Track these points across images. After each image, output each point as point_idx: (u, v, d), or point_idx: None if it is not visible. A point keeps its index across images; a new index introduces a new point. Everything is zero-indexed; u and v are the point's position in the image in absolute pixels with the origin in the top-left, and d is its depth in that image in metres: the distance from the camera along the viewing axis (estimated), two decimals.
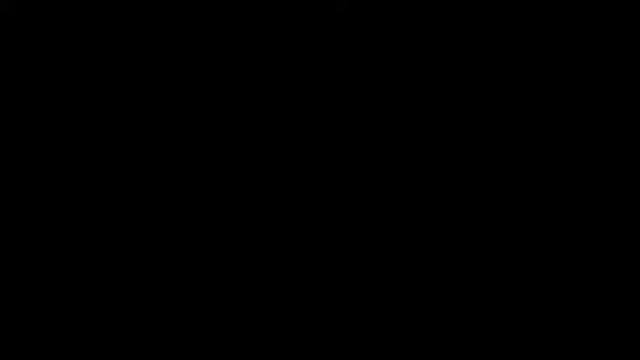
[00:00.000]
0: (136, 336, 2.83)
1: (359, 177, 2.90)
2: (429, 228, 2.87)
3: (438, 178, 2.89)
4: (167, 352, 2.82)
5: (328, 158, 2.91)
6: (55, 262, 2.86)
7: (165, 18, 2.94)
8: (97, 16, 2.94)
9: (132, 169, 2.90)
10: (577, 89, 2.91)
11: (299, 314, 2.84)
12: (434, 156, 2.90)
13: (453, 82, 2.92)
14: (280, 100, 2.93)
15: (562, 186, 2.88)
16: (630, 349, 2.79)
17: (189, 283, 2.86)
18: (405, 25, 2.93)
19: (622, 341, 2.79)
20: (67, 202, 2.89)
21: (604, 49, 2.91)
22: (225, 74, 2.93)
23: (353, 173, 2.90)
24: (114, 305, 2.84)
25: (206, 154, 2.91)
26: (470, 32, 2.93)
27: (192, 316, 2.84)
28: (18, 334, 2.82)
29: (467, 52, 2.92)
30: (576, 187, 2.88)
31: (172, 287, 2.86)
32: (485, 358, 2.81)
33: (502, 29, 2.92)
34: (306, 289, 2.86)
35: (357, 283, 2.86)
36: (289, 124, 2.92)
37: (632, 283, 2.82)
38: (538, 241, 2.85)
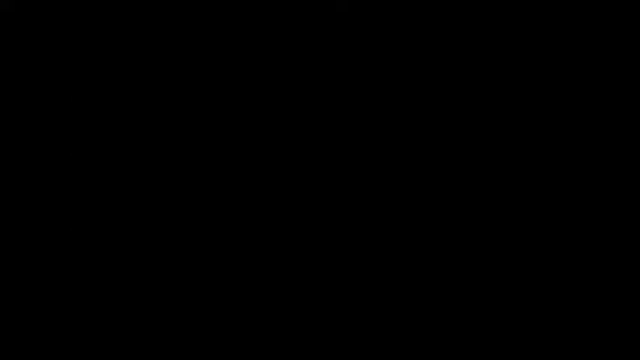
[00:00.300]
0: (136, 336, 2.83)
1: (359, 177, 2.89)
2: (429, 228, 2.87)
3: (438, 178, 2.89)
4: (167, 352, 2.82)
5: (328, 158, 2.91)
6: (55, 262, 2.86)
7: (165, 18, 2.94)
8: (97, 16, 2.94)
9: (132, 169, 2.90)
10: (577, 89, 2.91)
11: (299, 314, 2.84)
12: (434, 156, 2.90)
13: (453, 82, 2.92)
14: (280, 100, 2.93)
15: (562, 186, 2.88)
16: (630, 349, 2.79)
17: (189, 283, 2.86)
18: (405, 25, 2.93)
19: (622, 341, 2.79)
20: (67, 202, 2.89)
21: (604, 49, 2.91)
22: (225, 74, 2.93)
23: (353, 173, 2.90)
24: (114, 305, 2.84)
25: (206, 153, 2.91)
26: (470, 32, 2.93)
27: (192, 316, 2.84)
28: (18, 334, 2.82)
29: (467, 52, 2.92)
30: (576, 187, 2.88)
31: (172, 287, 2.86)
32: (485, 358, 2.81)
33: (502, 29, 2.92)
34: (306, 289, 2.86)
35: (357, 283, 2.86)
36: (289, 124, 2.92)
37: (632, 283, 2.82)
38: (538, 241, 2.85)
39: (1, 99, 2.92)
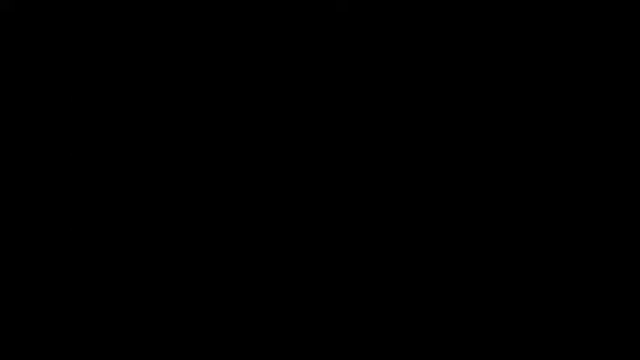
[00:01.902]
0: (136, 336, 2.83)
1: (359, 177, 2.90)
2: (429, 228, 2.87)
3: (438, 178, 2.89)
4: (167, 352, 2.83)
5: (328, 158, 2.91)
6: (55, 262, 2.86)
7: (165, 18, 2.94)
8: (97, 16, 2.94)
9: (132, 169, 2.90)
10: (577, 89, 2.91)
11: (299, 314, 2.85)
12: (434, 156, 2.90)
13: (452, 82, 2.92)
14: (280, 100, 2.93)
15: (562, 186, 2.88)
16: (630, 349, 2.79)
17: (189, 283, 2.86)
18: (405, 25, 2.93)
19: (622, 341, 2.79)
20: (67, 202, 2.89)
21: (604, 49, 2.92)
22: (225, 74, 2.94)
23: (353, 173, 2.90)
24: (114, 305, 2.84)
25: (206, 154, 2.91)
26: (470, 32, 2.93)
27: (192, 316, 2.84)
28: (18, 334, 2.82)
29: (467, 52, 2.92)
30: (576, 187, 2.88)
31: (172, 287, 2.86)
32: (485, 358, 2.81)
33: (502, 29, 2.92)
34: (306, 289, 2.86)
35: (357, 283, 2.86)
36: (289, 124, 2.92)
37: (632, 283, 2.82)
38: (538, 241, 2.86)
39: (1, 99, 2.92)
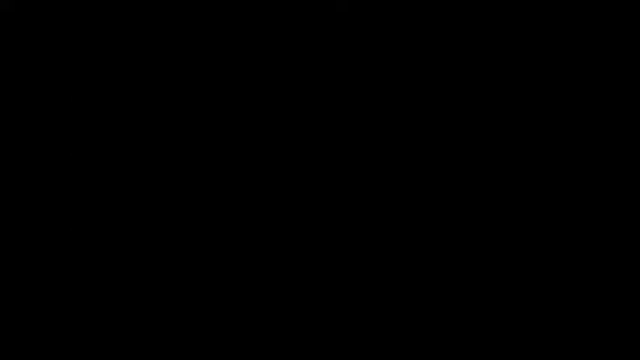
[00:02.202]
0: (136, 336, 2.83)
1: (359, 177, 2.90)
2: (429, 228, 2.87)
3: (438, 178, 2.89)
4: (167, 352, 2.83)
5: (328, 158, 2.91)
6: (55, 262, 2.86)
7: (165, 18, 2.94)
8: (97, 16, 2.94)
9: (132, 169, 2.90)
10: (577, 89, 2.91)
11: (299, 314, 2.85)
12: (434, 156, 2.90)
13: (452, 82, 2.92)
14: (280, 100, 2.93)
15: (562, 186, 2.88)
16: (630, 349, 2.79)
17: (189, 283, 2.86)
18: (405, 25, 2.94)
19: (622, 341, 2.80)
20: (67, 202, 2.89)
21: (604, 49, 2.92)
22: (225, 74, 2.94)
23: (353, 173, 2.90)
24: (114, 305, 2.84)
25: (206, 154, 2.91)
26: (470, 32, 2.93)
27: (192, 316, 2.84)
28: (18, 334, 2.82)
29: (467, 52, 2.92)
30: (576, 187, 2.88)
31: (172, 287, 2.86)
32: (485, 358, 2.81)
33: (502, 29, 2.92)
34: (306, 289, 2.86)
35: (357, 283, 2.86)
36: (289, 124, 2.92)
37: (632, 283, 2.82)
38: (538, 241, 2.86)
39: (1, 99, 2.92)
